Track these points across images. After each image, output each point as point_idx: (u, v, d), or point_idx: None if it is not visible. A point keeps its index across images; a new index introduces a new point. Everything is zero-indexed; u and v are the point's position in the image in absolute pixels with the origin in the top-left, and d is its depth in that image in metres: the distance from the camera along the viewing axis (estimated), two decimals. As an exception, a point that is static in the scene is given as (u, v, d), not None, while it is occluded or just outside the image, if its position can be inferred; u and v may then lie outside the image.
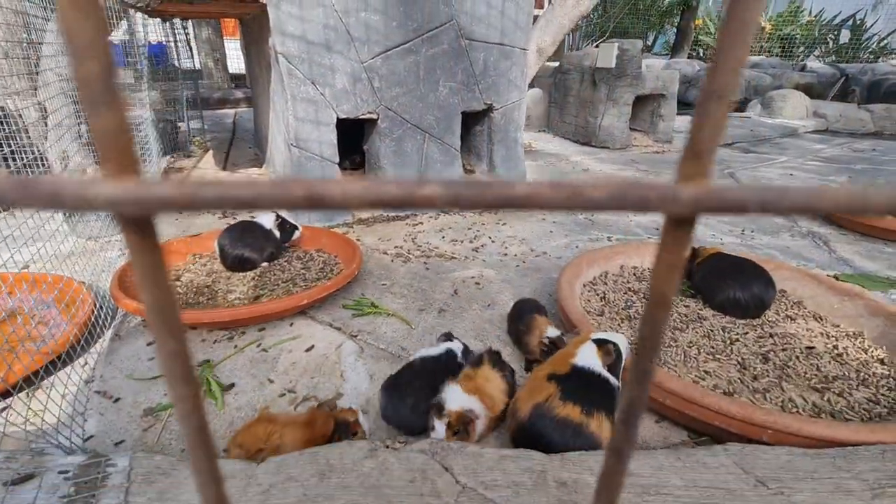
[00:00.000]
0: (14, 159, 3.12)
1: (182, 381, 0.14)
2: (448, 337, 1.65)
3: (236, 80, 10.18)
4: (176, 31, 5.05)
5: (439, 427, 1.26)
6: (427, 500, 0.96)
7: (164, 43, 5.24)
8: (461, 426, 1.25)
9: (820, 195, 0.11)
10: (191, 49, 5.43)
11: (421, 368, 1.48)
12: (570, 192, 0.11)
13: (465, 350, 1.62)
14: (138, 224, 0.11)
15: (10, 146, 2.93)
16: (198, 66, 8.65)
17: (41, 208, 0.10)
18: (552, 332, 1.66)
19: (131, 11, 3.90)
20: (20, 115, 3.36)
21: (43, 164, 3.55)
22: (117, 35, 4.59)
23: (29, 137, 3.42)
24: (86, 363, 1.68)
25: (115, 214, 0.11)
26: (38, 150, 3.55)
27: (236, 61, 11.07)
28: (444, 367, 1.48)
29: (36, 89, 3.60)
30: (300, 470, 1.04)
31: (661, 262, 0.12)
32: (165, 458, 1.09)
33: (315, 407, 1.39)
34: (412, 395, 1.39)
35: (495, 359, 1.46)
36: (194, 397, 0.14)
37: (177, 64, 5.15)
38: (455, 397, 1.30)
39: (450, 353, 1.56)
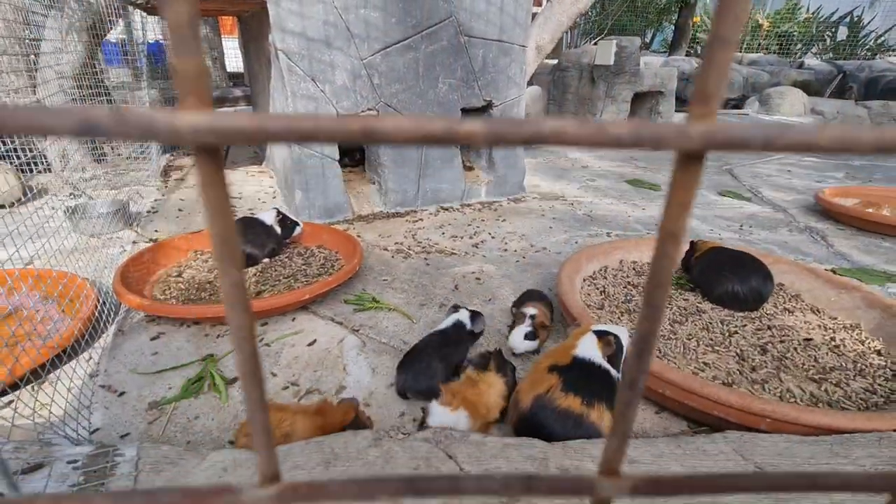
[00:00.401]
0: (18, 156, 3.12)
1: (241, 310, 0.15)
2: (455, 308, 1.77)
3: (234, 78, 10.18)
4: (174, 29, 5.03)
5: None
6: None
7: (163, 41, 5.24)
8: None
9: (817, 133, 0.12)
10: (189, 47, 5.40)
11: (428, 343, 1.62)
12: (595, 129, 0.12)
13: (474, 316, 1.74)
14: (211, 154, 0.13)
15: (8, 144, 2.93)
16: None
17: (136, 139, 0.11)
18: (530, 310, 1.76)
19: (130, 9, 3.89)
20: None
21: (44, 162, 3.55)
22: (114, 34, 4.59)
23: (31, 140, 3.42)
24: (90, 358, 1.70)
25: (194, 144, 0.12)
26: (38, 149, 3.55)
27: (234, 60, 11.07)
28: (453, 339, 1.63)
29: (35, 87, 3.61)
30: (306, 458, 1.05)
31: (673, 200, 0.13)
32: (172, 448, 1.11)
33: (327, 398, 1.40)
34: (423, 361, 1.53)
35: (499, 361, 1.46)
36: (250, 327, 0.16)
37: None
38: (437, 416, 1.30)
39: (457, 325, 1.68)
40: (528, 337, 1.72)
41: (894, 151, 0.12)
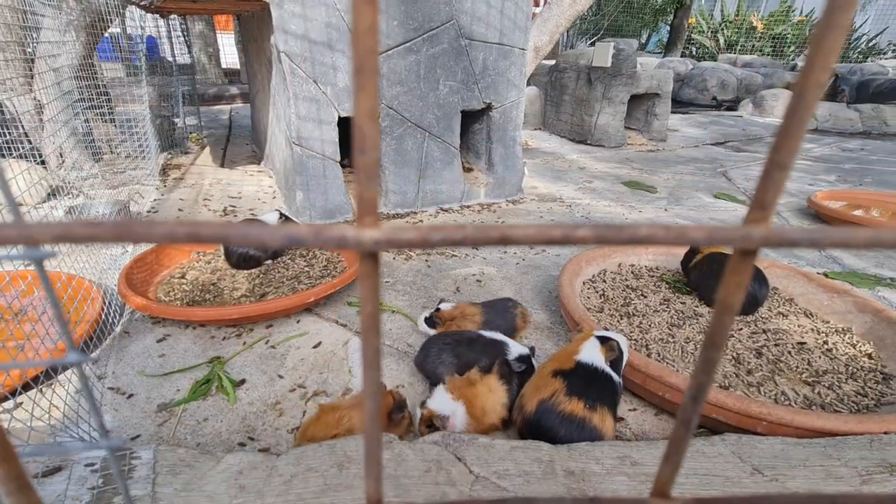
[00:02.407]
0: (11, 152, 3.11)
1: (375, 369, 0.18)
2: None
3: (230, 74, 10.11)
4: (171, 27, 5.02)
5: (416, 414, 1.41)
6: (443, 488, 1.01)
7: (155, 37, 5.20)
8: (431, 423, 1.36)
9: (852, 235, 0.15)
10: (188, 44, 5.39)
11: (448, 336, 1.71)
12: (677, 232, 0.15)
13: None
14: (374, 257, 0.15)
15: (6, 137, 2.92)
16: (189, 60, 8.58)
17: (330, 248, 0.14)
18: (445, 304, 1.91)
19: (131, 6, 3.88)
20: (16, 111, 3.34)
21: (39, 157, 3.53)
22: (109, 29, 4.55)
23: (27, 135, 3.41)
24: (97, 360, 1.71)
25: (363, 252, 0.15)
26: (33, 144, 3.53)
27: (230, 56, 10.99)
28: (466, 339, 1.68)
29: (31, 84, 3.58)
30: (319, 461, 1.08)
31: (730, 281, 0.16)
32: (188, 450, 1.13)
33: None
34: (437, 348, 1.66)
35: (504, 370, 1.49)
36: (378, 385, 0.18)
37: (171, 59, 5.12)
38: (438, 399, 1.38)
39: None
40: (427, 322, 1.89)
41: None
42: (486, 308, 1.88)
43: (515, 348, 1.61)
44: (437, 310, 1.87)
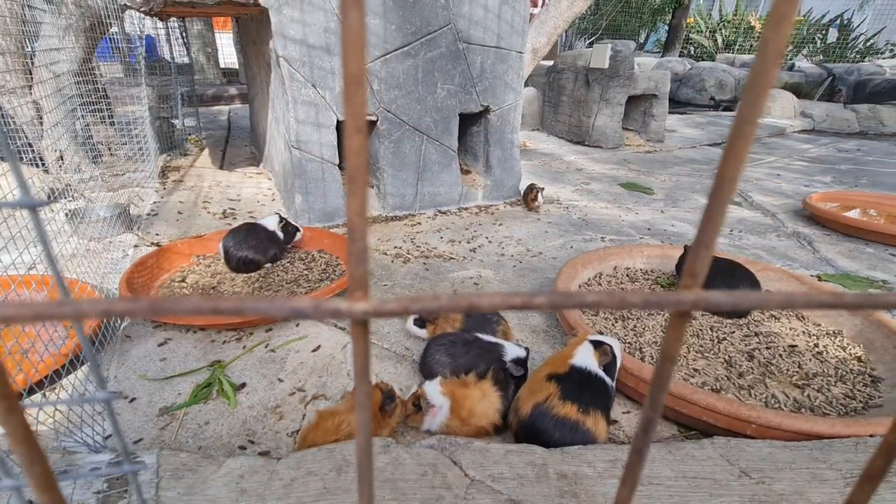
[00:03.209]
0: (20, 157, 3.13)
1: (366, 434, 0.21)
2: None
3: (228, 74, 10.11)
4: (170, 28, 5.03)
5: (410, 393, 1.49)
6: (439, 492, 1.04)
7: (154, 37, 5.21)
8: (417, 403, 1.43)
9: (767, 298, 0.18)
10: (186, 45, 5.40)
11: (446, 338, 1.75)
12: (619, 299, 0.18)
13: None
14: (364, 325, 0.18)
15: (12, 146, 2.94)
16: (188, 61, 8.59)
17: (328, 318, 0.16)
18: None
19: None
20: (13, 113, 3.36)
21: (40, 161, 3.55)
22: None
23: (27, 137, 3.42)
24: (99, 364, 1.73)
25: (354, 320, 0.18)
26: (32, 146, 3.54)
27: (228, 56, 10.99)
28: (462, 343, 1.71)
29: (30, 86, 3.60)
30: (319, 465, 1.11)
31: (671, 336, 0.19)
32: (191, 455, 1.16)
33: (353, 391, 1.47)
34: (434, 349, 1.70)
35: (500, 377, 1.52)
36: (369, 433, 0.21)
37: (170, 60, 5.13)
38: (430, 387, 1.44)
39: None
40: (416, 323, 1.92)
41: (820, 308, 0.18)
42: (466, 316, 1.89)
43: (512, 350, 1.64)
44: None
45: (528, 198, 3.60)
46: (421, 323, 1.91)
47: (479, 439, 1.29)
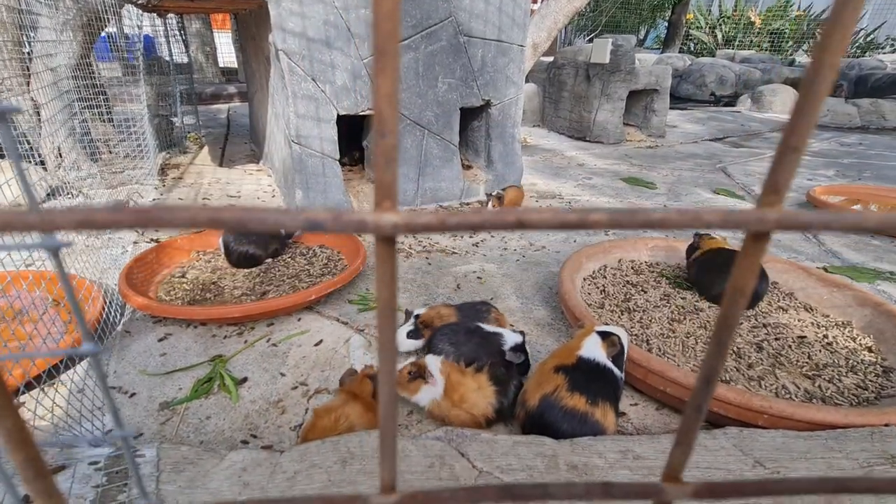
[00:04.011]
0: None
1: (391, 356, 0.18)
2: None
3: (227, 73, 10.08)
4: (169, 26, 5.00)
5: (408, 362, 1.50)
6: (446, 483, 1.02)
7: (152, 36, 5.18)
8: (414, 372, 1.43)
9: (864, 218, 0.15)
10: (185, 43, 5.37)
11: (451, 327, 1.73)
12: (692, 216, 0.15)
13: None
14: (390, 241, 0.15)
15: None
16: (187, 59, 8.56)
17: (349, 232, 0.14)
18: (417, 310, 1.86)
19: (128, 5, 3.86)
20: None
21: (38, 157, 3.52)
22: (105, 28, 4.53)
23: (25, 135, 3.40)
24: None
25: (380, 235, 0.15)
26: (31, 144, 3.52)
27: (227, 55, 10.96)
28: (465, 332, 1.68)
29: (28, 84, 3.57)
30: (323, 458, 1.09)
31: (743, 265, 0.17)
32: (191, 448, 1.13)
33: (348, 380, 1.45)
34: (440, 335, 1.67)
35: (494, 372, 1.48)
36: (394, 370, 0.19)
37: (168, 58, 5.10)
38: (431, 360, 1.46)
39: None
40: (410, 335, 1.78)
41: None
42: (460, 311, 1.84)
43: (510, 338, 1.63)
44: (417, 316, 1.79)
45: (487, 201, 3.34)
46: (416, 334, 1.79)
47: (487, 431, 1.26)
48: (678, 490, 0.21)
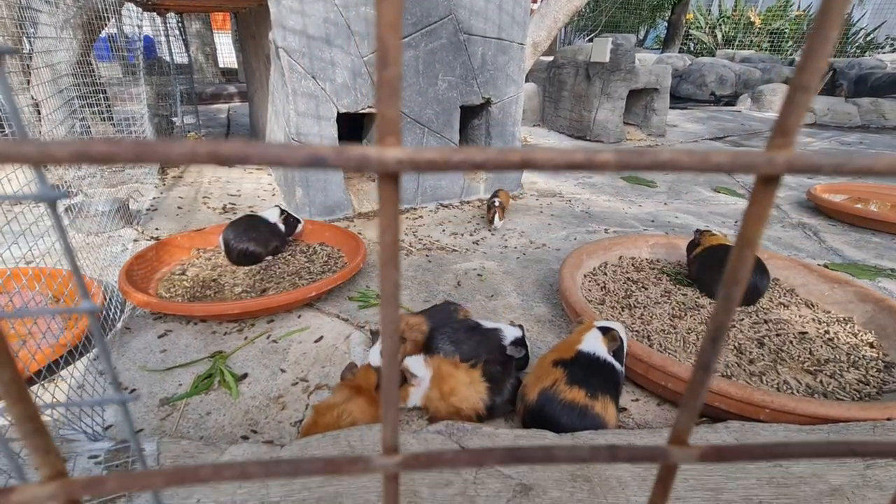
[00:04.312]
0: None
1: (394, 305, 0.18)
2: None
3: (227, 74, 10.09)
4: (169, 26, 5.00)
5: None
6: (448, 477, 1.01)
7: (152, 37, 5.18)
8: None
9: (876, 160, 0.15)
10: (185, 43, 5.38)
11: (452, 325, 1.72)
12: (700, 157, 0.15)
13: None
14: (394, 179, 0.15)
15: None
16: (187, 60, 8.56)
17: (352, 170, 0.14)
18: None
19: (128, 4, 3.86)
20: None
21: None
22: (104, 28, 4.53)
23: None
24: (98, 356, 1.71)
25: (384, 172, 0.15)
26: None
27: (227, 55, 10.97)
28: (465, 330, 1.68)
29: (29, 84, 3.57)
30: (324, 451, 1.08)
31: (751, 213, 0.16)
32: (191, 442, 1.13)
33: (349, 375, 1.45)
34: (439, 335, 1.67)
35: (487, 368, 1.48)
36: (397, 319, 0.18)
37: (169, 58, 5.10)
38: (413, 362, 1.45)
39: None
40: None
41: None
42: (430, 316, 1.76)
43: (509, 333, 1.63)
44: None
45: (489, 212, 3.00)
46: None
47: (487, 425, 1.26)
48: (685, 453, 0.20)
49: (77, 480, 0.20)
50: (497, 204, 2.96)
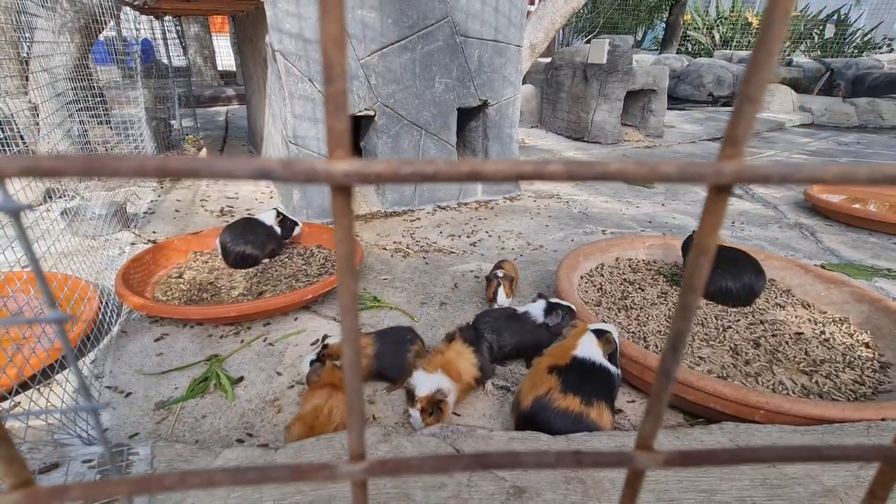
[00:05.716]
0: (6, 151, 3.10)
1: (353, 316, 0.18)
2: (540, 295, 1.84)
3: (225, 77, 10.10)
4: (167, 29, 5.01)
5: (414, 414, 1.33)
6: (441, 479, 1.01)
7: (150, 40, 5.19)
8: (433, 407, 1.34)
9: (824, 169, 0.15)
10: (183, 46, 5.39)
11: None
12: (649, 168, 0.15)
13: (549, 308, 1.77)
14: (346, 192, 0.15)
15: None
16: (185, 63, 8.58)
17: (301, 182, 0.14)
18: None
19: (125, 8, 3.87)
20: (10, 112, 3.34)
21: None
22: (103, 31, 4.54)
23: (21, 136, 3.40)
24: (95, 359, 1.71)
25: (334, 185, 0.15)
26: (27, 145, 3.52)
27: (225, 58, 10.98)
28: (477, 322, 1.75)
29: (25, 86, 3.57)
30: (318, 454, 1.08)
31: (706, 222, 0.16)
32: (185, 446, 1.13)
33: (315, 376, 1.44)
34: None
35: (467, 335, 1.57)
36: (357, 329, 0.19)
37: (167, 62, 5.11)
38: (422, 382, 1.37)
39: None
40: (313, 363, 1.55)
41: (886, 183, 0.15)
42: (378, 338, 1.68)
43: (537, 308, 1.73)
44: (325, 346, 1.60)
45: (489, 290, 2.09)
46: (322, 364, 1.54)
47: (481, 427, 1.26)
48: (650, 458, 0.20)
49: (42, 489, 0.20)
50: (501, 275, 2.08)
